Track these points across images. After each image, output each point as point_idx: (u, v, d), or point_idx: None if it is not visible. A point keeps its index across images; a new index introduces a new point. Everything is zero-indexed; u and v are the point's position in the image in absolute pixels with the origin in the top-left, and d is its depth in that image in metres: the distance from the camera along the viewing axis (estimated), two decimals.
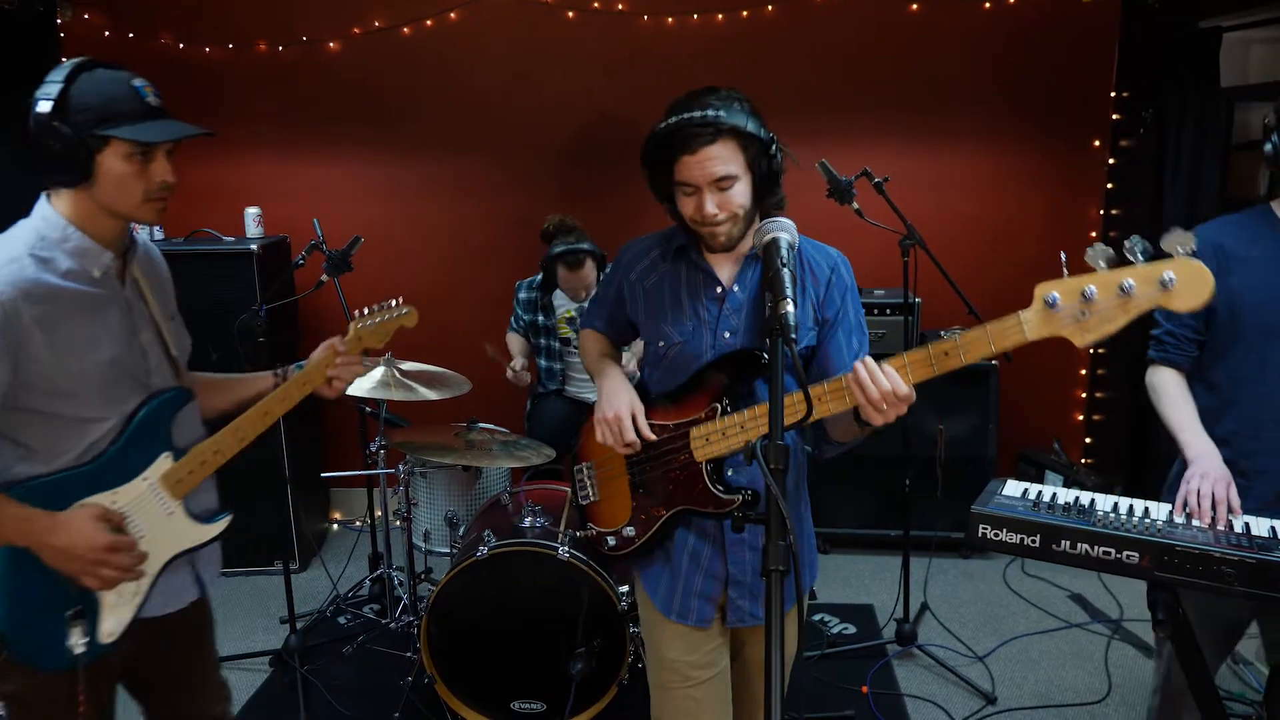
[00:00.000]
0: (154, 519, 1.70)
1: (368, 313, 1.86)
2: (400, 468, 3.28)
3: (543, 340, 3.72)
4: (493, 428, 3.24)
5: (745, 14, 4.16)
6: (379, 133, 4.36)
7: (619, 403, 1.79)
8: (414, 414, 4.00)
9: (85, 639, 1.62)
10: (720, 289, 1.80)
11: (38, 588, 1.61)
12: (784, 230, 1.64)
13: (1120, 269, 1.38)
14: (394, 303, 1.90)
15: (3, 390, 1.54)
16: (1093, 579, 3.88)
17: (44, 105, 1.52)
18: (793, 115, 1.75)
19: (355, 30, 4.25)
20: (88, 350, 1.60)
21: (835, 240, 1.86)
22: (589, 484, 1.96)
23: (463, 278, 4.47)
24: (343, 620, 3.64)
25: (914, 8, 4.12)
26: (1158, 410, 2.11)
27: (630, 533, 1.88)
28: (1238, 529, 1.80)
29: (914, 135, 4.22)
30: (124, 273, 1.69)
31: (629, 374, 2.06)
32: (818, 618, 3.60)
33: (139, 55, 4.20)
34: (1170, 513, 1.88)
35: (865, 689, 3.12)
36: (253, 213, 4.00)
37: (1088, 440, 4.43)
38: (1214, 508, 1.85)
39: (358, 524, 4.55)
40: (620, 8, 4.19)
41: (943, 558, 4.07)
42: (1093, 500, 1.89)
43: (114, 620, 1.67)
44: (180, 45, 4.25)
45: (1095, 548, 1.73)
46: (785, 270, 1.55)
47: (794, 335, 1.42)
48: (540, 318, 3.70)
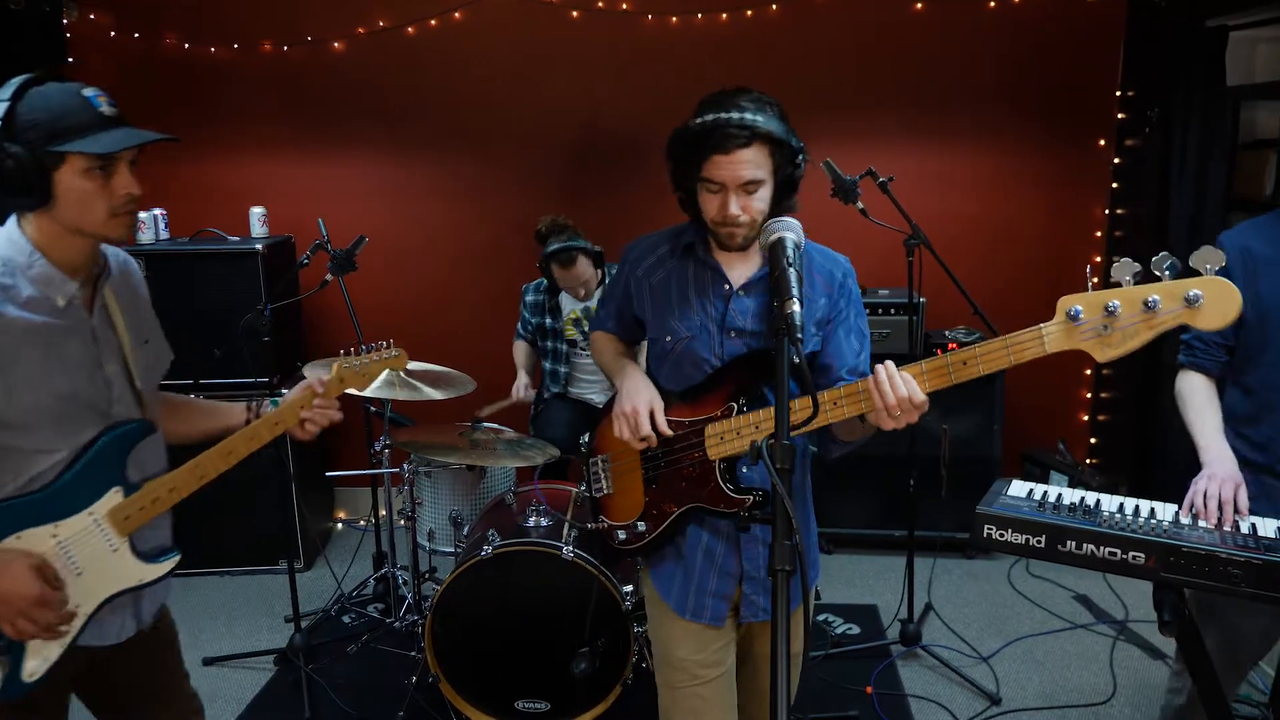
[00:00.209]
0: (95, 555, 1.62)
1: (354, 354, 1.80)
2: (405, 467, 3.28)
3: (549, 343, 3.73)
4: (498, 427, 3.26)
5: (749, 13, 4.16)
6: (384, 132, 4.37)
7: (639, 398, 1.80)
8: (419, 413, 4.01)
9: (2, 674, 1.56)
10: (728, 286, 1.81)
11: None
12: (790, 230, 1.65)
13: (1146, 285, 1.37)
14: (384, 344, 1.85)
15: None
16: (1098, 580, 3.87)
17: None
18: (797, 114, 1.74)
19: (360, 30, 4.25)
20: (43, 383, 1.52)
21: (839, 239, 1.86)
22: (603, 476, 1.97)
23: (467, 277, 4.47)
24: (347, 619, 3.65)
25: (918, 7, 4.11)
26: (1182, 416, 2.09)
27: (641, 527, 1.89)
28: (1244, 530, 1.80)
29: (918, 134, 4.21)
30: (93, 300, 1.61)
31: None
32: (822, 618, 3.59)
33: (144, 55, 4.21)
34: (1176, 513, 1.87)
35: (869, 689, 3.12)
36: (258, 212, 4.00)
37: (1093, 440, 4.41)
38: (1220, 508, 1.84)
39: (362, 523, 4.55)
40: (624, 7, 4.19)
41: (947, 558, 4.06)
42: (1098, 501, 1.89)
43: (38, 660, 1.60)
44: (185, 45, 4.25)
45: (1101, 548, 1.73)
46: (791, 270, 1.56)
47: (800, 335, 1.43)
48: (547, 320, 3.70)
